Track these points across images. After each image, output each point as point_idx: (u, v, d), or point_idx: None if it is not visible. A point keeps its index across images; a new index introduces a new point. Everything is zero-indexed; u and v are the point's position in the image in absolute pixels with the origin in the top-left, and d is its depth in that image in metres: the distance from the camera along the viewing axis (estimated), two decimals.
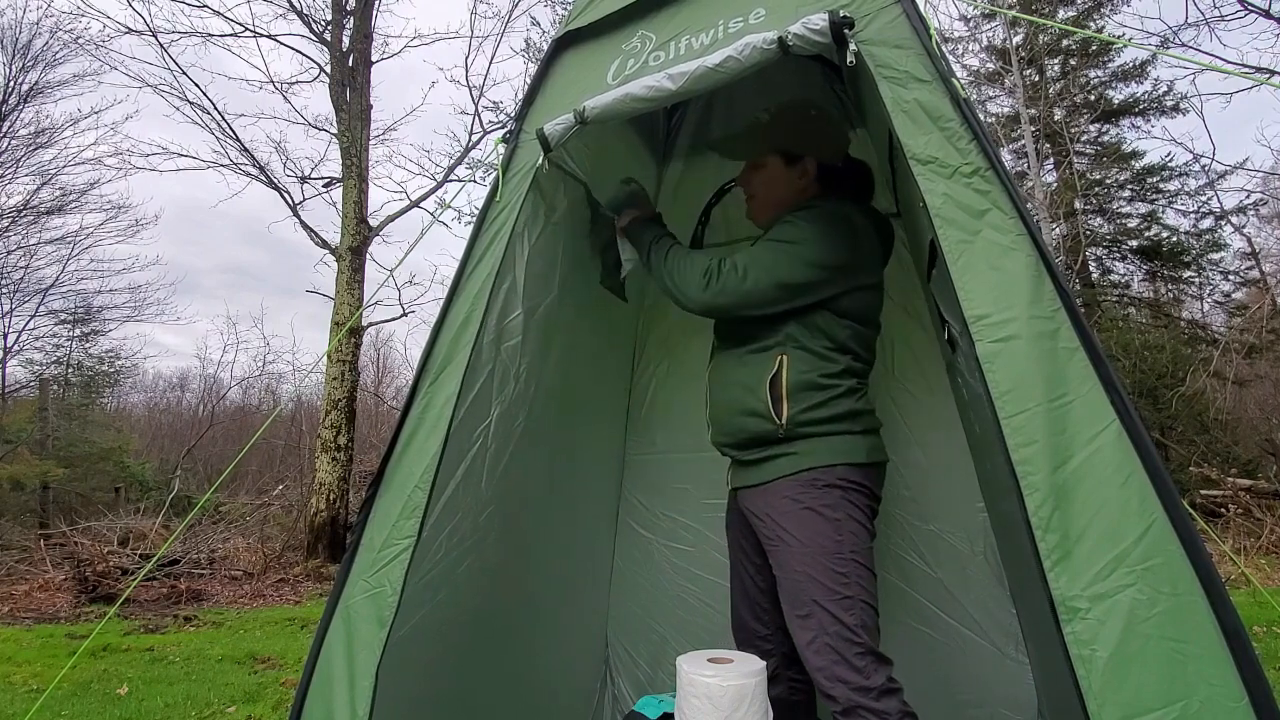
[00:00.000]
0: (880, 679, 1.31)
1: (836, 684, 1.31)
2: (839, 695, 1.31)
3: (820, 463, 1.42)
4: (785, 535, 1.42)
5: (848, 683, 1.30)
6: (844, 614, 1.34)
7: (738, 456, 1.57)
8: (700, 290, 1.50)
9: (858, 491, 1.43)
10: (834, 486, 1.41)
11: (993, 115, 12.46)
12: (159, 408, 19.44)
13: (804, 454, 1.43)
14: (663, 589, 2.34)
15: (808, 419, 1.44)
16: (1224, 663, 0.88)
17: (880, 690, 1.30)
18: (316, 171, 8.67)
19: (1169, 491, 0.95)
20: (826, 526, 1.39)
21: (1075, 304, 1.06)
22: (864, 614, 1.35)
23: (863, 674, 1.30)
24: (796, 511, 1.41)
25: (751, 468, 1.52)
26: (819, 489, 1.41)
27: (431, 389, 1.56)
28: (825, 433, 1.44)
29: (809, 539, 1.39)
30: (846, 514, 1.41)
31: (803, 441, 1.44)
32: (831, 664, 1.32)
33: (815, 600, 1.36)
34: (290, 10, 8.19)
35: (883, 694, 1.30)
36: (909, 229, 1.85)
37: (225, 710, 3.04)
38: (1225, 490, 6.88)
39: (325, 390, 7.75)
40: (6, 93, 11.33)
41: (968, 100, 1.18)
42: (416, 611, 1.49)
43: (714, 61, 1.37)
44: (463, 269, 1.62)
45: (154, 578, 6.27)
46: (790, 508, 1.42)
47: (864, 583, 1.38)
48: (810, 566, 1.38)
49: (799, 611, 1.38)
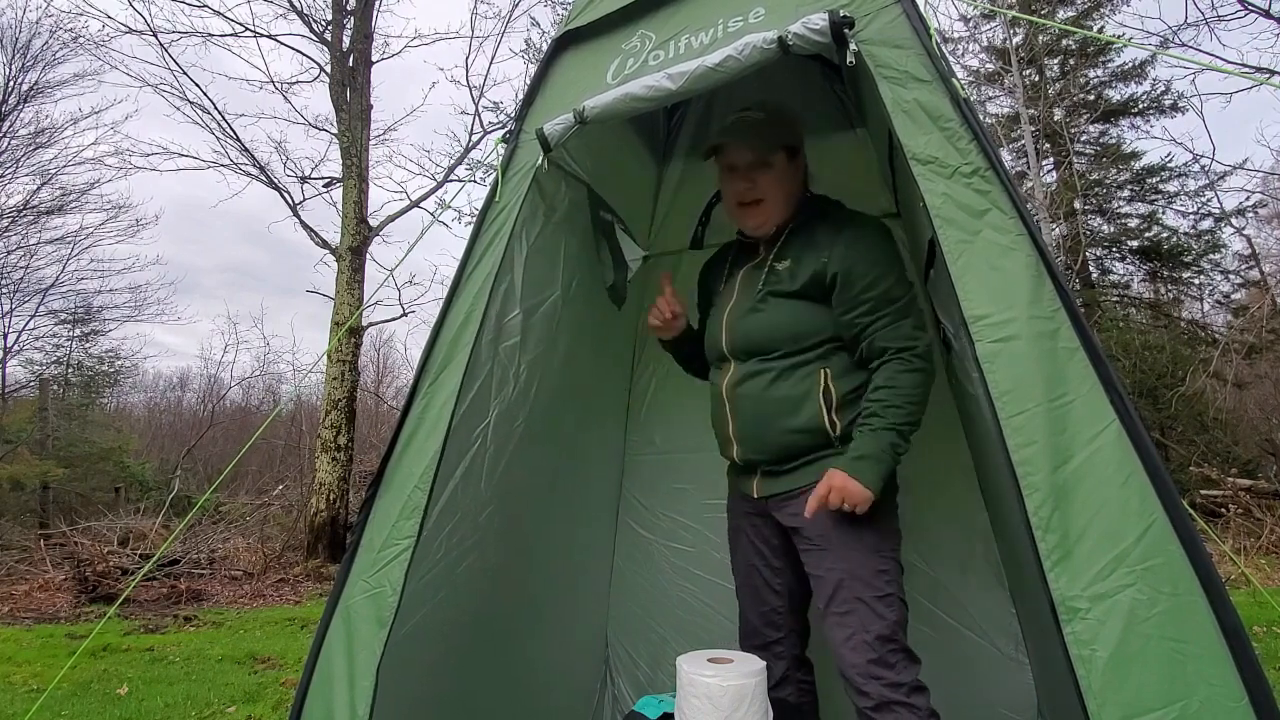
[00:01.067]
0: (911, 676, 1.33)
1: (870, 681, 1.32)
2: (873, 691, 1.32)
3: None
4: (831, 535, 1.41)
5: (882, 679, 1.31)
6: (885, 611, 1.36)
7: (774, 469, 1.53)
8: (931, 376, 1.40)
9: (891, 491, 1.46)
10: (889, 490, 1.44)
11: (993, 115, 12.45)
12: (159, 408, 19.44)
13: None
14: (663, 589, 2.34)
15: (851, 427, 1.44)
16: (1224, 663, 0.88)
17: (911, 687, 1.32)
18: (316, 171, 8.68)
19: (1169, 491, 0.95)
20: (869, 526, 1.40)
21: (1075, 304, 1.07)
22: (901, 610, 1.38)
23: (896, 670, 1.32)
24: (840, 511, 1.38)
25: (790, 475, 1.50)
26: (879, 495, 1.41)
27: (431, 389, 1.56)
28: None
29: (856, 538, 1.40)
30: (884, 512, 1.43)
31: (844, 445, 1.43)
32: (868, 661, 1.33)
33: (858, 598, 1.37)
34: (290, 10, 8.19)
35: (914, 691, 1.32)
36: (909, 229, 1.85)
37: (225, 710, 3.04)
38: (1225, 490, 6.87)
39: (325, 390, 7.75)
40: (6, 93, 11.34)
41: (968, 100, 1.18)
42: (416, 612, 1.49)
43: (714, 61, 1.38)
44: (463, 269, 1.62)
45: (154, 578, 6.27)
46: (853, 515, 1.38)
47: (900, 580, 1.41)
48: (853, 564, 1.39)
49: (840, 609, 1.39)
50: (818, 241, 1.49)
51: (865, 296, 1.40)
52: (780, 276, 1.51)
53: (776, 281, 1.51)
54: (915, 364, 1.37)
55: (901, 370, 1.37)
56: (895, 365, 1.38)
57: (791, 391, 1.46)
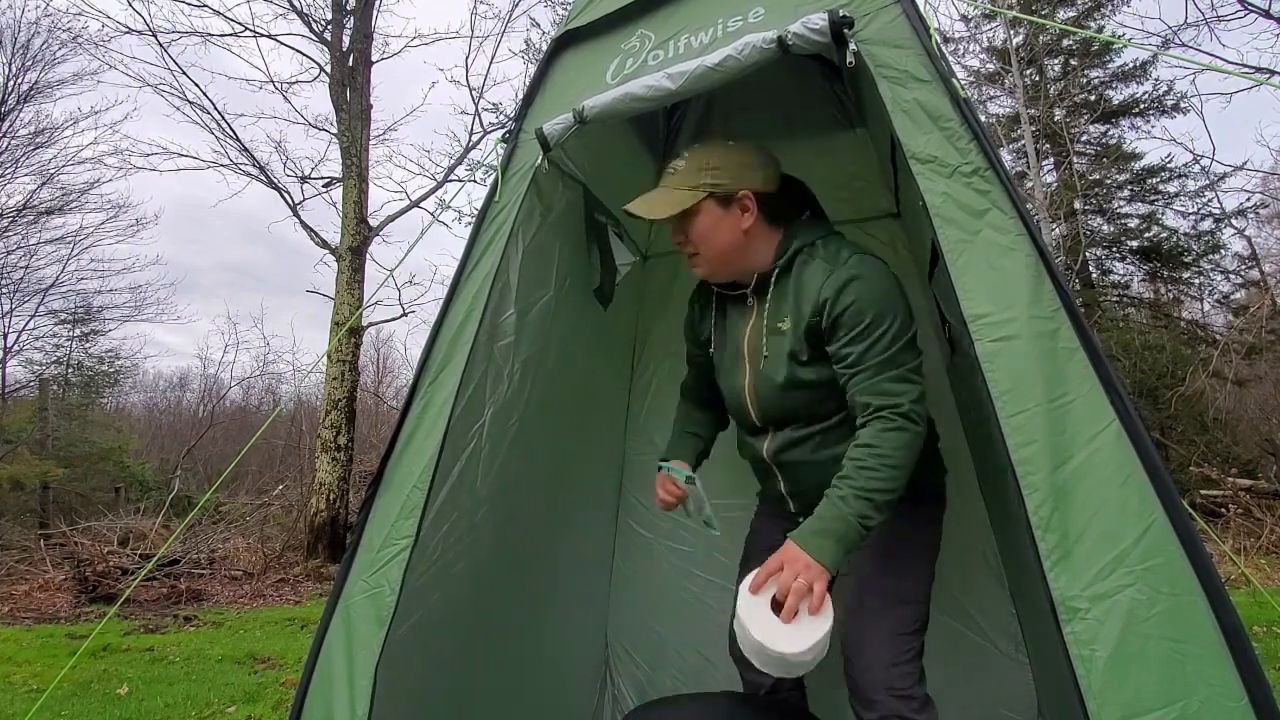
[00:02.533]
0: (922, 691, 1.32)
1: (882, 691, 1.29)
2: (881, 702, 1.28)
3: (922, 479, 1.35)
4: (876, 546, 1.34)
5: (893, 689, 1.29)
6: (910, 620, 1.36)
7: None
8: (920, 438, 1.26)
9: (941, 501, 1.47)
10: (932, 501, 1.45)
11: (993, 115, 12.45)
12: (159, 408, 19.45)
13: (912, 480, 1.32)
14: (663, 589, 2.33)
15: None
16: (1224, 663, 0.88)
17: (921, 703, 1.30)
18: (316, 171, 8.68)
19: (1169, 491, 0.95)
20: (917, 536, 1.40)
21: (1075, 304, 1.06)
22: (924, 623, 1.38)
23: (909, 683, 1.31)
24: (896, 525, 1.29)
25: None
26: (919, 504, 1.40)
27: (431, 389, 1.56)
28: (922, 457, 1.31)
29: (898, 550, 1.39)
30: (930, 519, 1.44)
31: None
32: (883, 671, 1.31)
33: (884, 607, 1.36)
34: (290, 10, 8.20)
35: (923, 706, 1.30)
36: (910, 229, 1.85)
37: (225, 710, 3.04)
38: (1225, 490, 6.87)
39: (325, 390, 7.75)
40: (6, 92, 11.34)
41: (968, 100, 1.18)
42: (415, 611, 1.49)
43: (713, 61, 1.37)
44: (462, 269, 1.62)
45: (154, 578, 6.27)
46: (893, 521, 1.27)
47: (930, 589, 1.42)
48: (891, 574, 1.38)
49: (867, 618, 1.37)
50: (806, 289, 1.35)
51: (846, 351, 1.29)
52: (786, 338, 1.38)
53: (786, 346, 1.38)
54: (897, 422, 1.22)
55: (884, 429, 1.23)
56: (877, 424, 1.24)
57: (844, 449, 1.28)
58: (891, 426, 1.23)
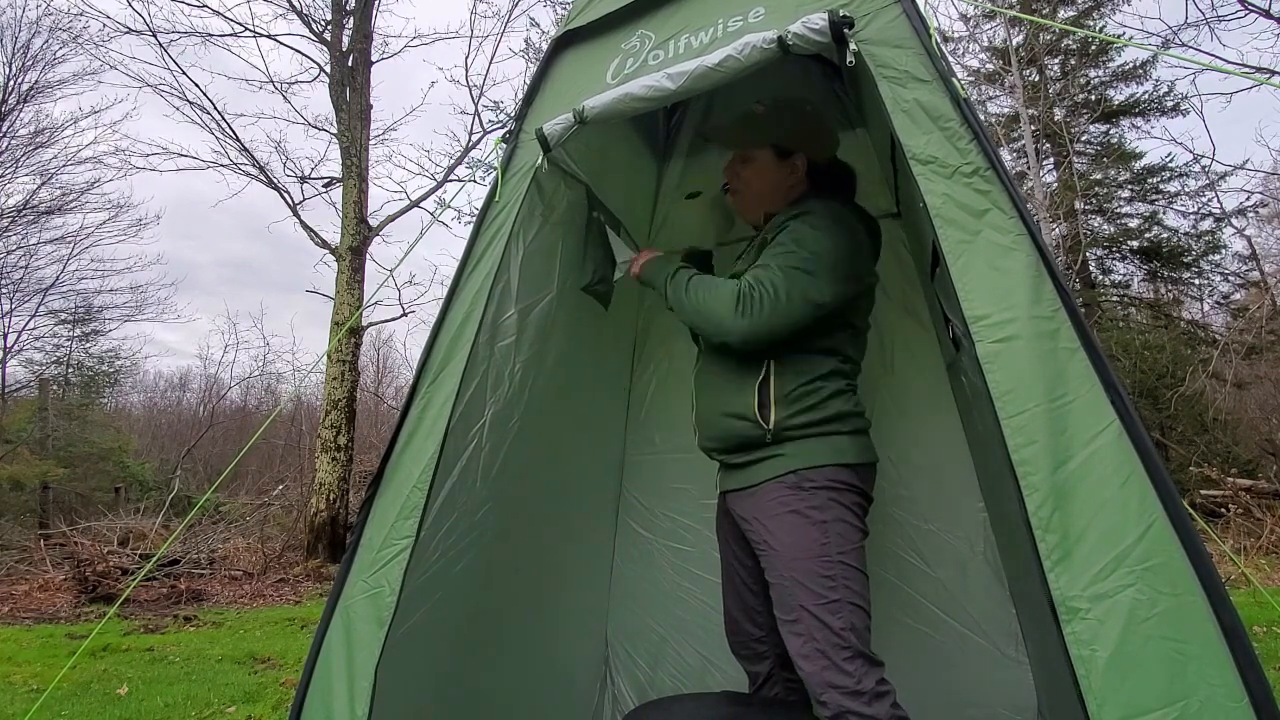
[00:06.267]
0: (870, 683, 1.29)
1: (828, 690, 1.29)
2: (830, 701, 1.29)
3: (807, 464, 1.40)
4: (771, 540, 1.41)
5: (839, 688, 1.28)
6: (831, 618, 1.32)
7: (725, 460, 1.55)
8: (735, 318, 1.37)
9: (848, 491, 1.41)
10: (822, 488, 1.39)
11: (993, 115, 12.45)
12: (159, 408, 19.45)
13: (791, 456, 1.41)
14: (663, 589, 2.33)
15: (795, 423, 1.42)
16: (1224, 663, 0.88)
17: (871, 695, 1.28)
18: (316, 171, 8.69)
19: (1169, 491, 0.95)
20: (813, 530, 1.37)
21: (1075, 304, 1.06)
22: (852, 616, 1.33)
23: (853, 678, 1.28)
24: (783, 515, 1.39)
25: (739, 471, 1.50)
26: (806, 491, 1.39)
27: (431, 389, 1.55)
28: (813, 434, 1.41)
29: (795, 543, 1.37)
30: (834, 515, 1.38)
31: (790, 444, 1.42)
32: (821, 669, 1.30)
33: (802, 606, 1.34)
34: (290, 10, 8.20)
35: (874, 698, 1.28)
36: (910, 229, 1.85)
37: (225, 710, 3.04)
38: (1225, 490, 6.88)
39: (325, 390, 7.75)
40: (6, 92, 11.34)
41: (968, 100, 1.18)
42: (415, 611, 1.49)
43: (713, 61, 1.37)
44: (462, 269, 1.62)
45: (154, 578, 6.27)
46: (777, 510, 1.40)
47: (852, 584, 1.35)
48: (796, 571, 1.36)
49: (787, 617, 1.37)
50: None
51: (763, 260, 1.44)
52: (746, 264, 1.51)
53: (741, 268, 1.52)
54: (732, 284, 1.40)
55: (725, 281, 1.44)
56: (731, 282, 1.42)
57: (735, 380, 1.47)
58: (729, 285, 1.41)
